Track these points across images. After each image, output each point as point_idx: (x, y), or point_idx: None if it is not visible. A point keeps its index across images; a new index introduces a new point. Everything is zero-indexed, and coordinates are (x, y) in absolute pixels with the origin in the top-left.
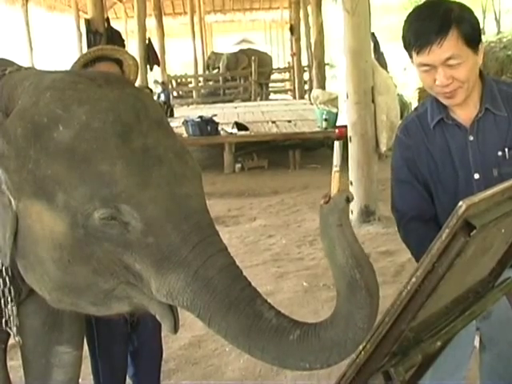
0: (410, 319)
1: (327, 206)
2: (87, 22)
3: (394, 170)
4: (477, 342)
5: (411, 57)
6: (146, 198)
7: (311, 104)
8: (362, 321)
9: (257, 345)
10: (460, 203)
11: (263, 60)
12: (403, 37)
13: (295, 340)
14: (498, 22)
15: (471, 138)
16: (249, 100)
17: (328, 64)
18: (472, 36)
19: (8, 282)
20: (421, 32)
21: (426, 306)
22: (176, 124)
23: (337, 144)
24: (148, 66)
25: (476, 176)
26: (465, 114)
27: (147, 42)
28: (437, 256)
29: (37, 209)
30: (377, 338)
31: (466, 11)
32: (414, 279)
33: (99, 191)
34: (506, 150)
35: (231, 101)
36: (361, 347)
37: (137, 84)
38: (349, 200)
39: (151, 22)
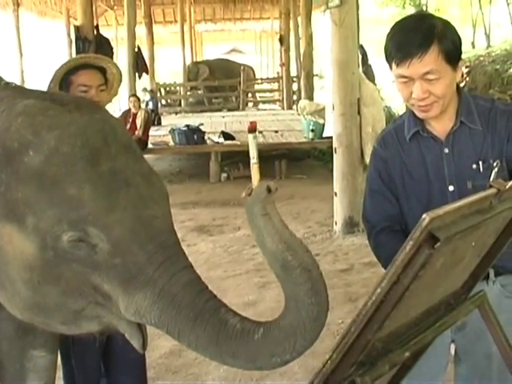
0: (375, 329)
1: (250, 197)
2: (76, 28)
3: (368, 181)
4: (453, 354)
5: (391, 68)
6: (112, 220)
7: (299, 114)
8: (307, 296)
9: (227, 351)
10: (424, 215)
11: (231, 71)
12: (385, 47)
13: (260, 338)
14: (487, 36)
15: (446, 150)
16: (236, 109)
17: (317, 75)
18: (452, 53)
19: None
20: (402, 44)
21: (393, 317)
22: (163, 132)
23: (250, 137)
24: (137, 74)
25: (450, 188)
26: (440, 127)
27: (136, 49)
28: (401, 267)
29: (8, 231)
30: (343, 348)
31: (450, 28)
32: (379, 290)
33: (67, 214)
34: (481, 163)
35: (219, 110)
36: (327, 356)
37: (125, 91)
38: (270, 190)
39: (141, 30)
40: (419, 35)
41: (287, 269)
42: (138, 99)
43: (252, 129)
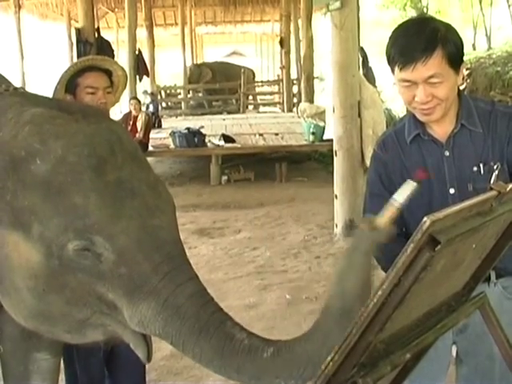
0: (377, 331)
1: (365, 231)
2: (78, 31)
3: (368, 184)
4: (454, 356)
5: (393, 72)
6: (118, 229)
7: (299, 117)
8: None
9: (232, 365)
10: (424, 219)
11: (231, 73)
12: (387, 51)
13: (269, 357)
14: (488, 38)
15: (447, 153)
16: (237, 112)
17: (318, 77)
18: (455, 57)
19: None
20: (406, 49)
21: (394, 319)
22: (163, 135)
23: (412, 184)
24: (137, 77)
25: (451, 191)
26: (441, 130)
27: (137, 52)
28: (403, 270)
29: (14, 238)
30: (345, 349)
31: (452, 32)
32: (380, 292)
33: (73, 223)
34: (481, 165)
35: (220, 113)
36: (329, 358)
37: (125, 94)
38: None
39: (142, 33)
40: (423, 39)
41: (344, 315)
42: (139, 102)
43: (421, 178)
